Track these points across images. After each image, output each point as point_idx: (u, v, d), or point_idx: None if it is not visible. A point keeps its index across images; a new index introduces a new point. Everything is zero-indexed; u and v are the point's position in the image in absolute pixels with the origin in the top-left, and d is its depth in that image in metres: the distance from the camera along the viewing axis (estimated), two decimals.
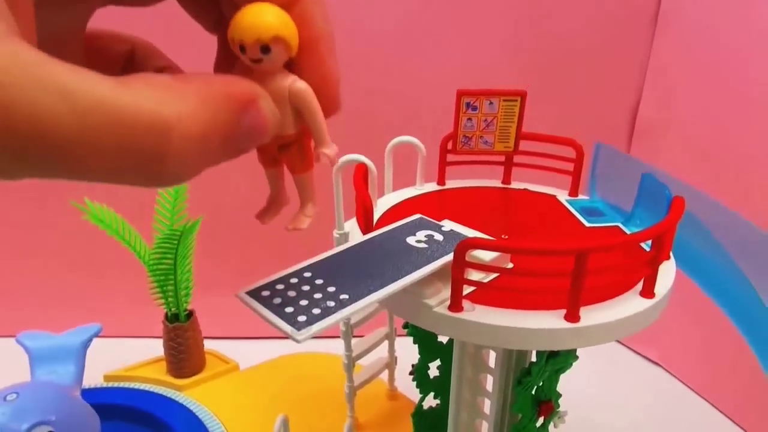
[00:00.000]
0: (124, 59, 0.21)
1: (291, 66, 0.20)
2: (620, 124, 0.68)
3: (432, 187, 0.47)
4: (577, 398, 0.47)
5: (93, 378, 0.54)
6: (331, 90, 0.20)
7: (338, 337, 0.48)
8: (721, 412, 0.63)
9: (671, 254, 0.37)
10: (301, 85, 0.20)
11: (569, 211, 0.43)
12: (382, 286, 0.27)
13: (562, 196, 0.45)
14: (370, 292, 0.26)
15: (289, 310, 0.24)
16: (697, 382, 0.66)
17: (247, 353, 0.61)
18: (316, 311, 0.25)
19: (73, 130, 0.13)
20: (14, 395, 0.40)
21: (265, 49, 0.18)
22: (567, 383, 0.42)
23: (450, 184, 0.47)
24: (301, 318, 0.24)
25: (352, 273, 0.28)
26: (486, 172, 0.47)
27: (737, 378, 0.61)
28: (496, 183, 0.48)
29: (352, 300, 0.26)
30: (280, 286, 0.26)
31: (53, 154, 0.13)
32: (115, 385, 0.56)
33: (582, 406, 0.48)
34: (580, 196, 0.45)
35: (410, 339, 0.45)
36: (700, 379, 0.66)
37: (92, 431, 0.42)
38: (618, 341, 0.75)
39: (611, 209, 0.43)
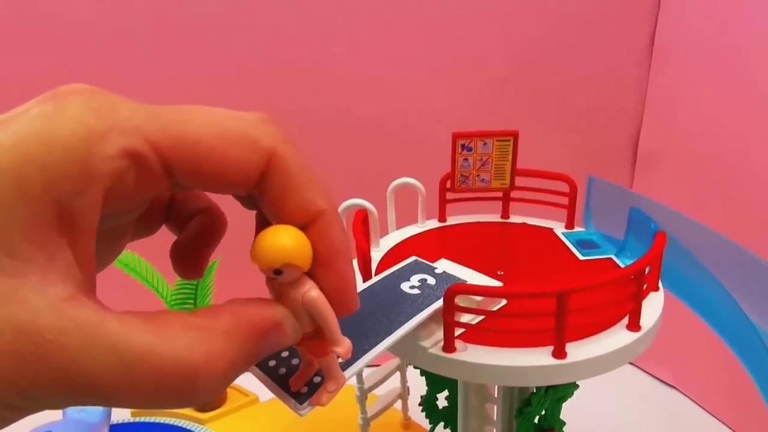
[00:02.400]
0: (168, 201, 0.24)
1: (310, 273, 0.21)
2: (622, 155, 0.70)
3: (434, 224, 0.49)
4: (590, 422, 0.48)
5: (120, 413, 0.57)
6: (348, 295, 0.22)
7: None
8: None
9: (660, 285, 0.38)
10: (312, 294, 0.21)
11: (564, 244, 0.44)
12: (376, 344, 0.29)
13: (559, 229, 0.47)
14: (364, 352, 0.28)
15: (303, 390, 0.25)
16: (715, 404, 0.66)
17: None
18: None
19: (119, 378, 0.15)
20: None
21: (278, 271, 0.20)
22: (578, 407, 0.43)
23: (451, 220, 0.49)
24: (303, 389, 0.25)
25: (349, 330, 0.30)
26: (487, 206, 0.49)
27: (757, 400, 0.61)
28: (496, 217, 0.49)
29: (349, 363, 0.27)
30: (284, 354, 0.27)
31: (101, 395, 0.16)
32: (142, 419, 0.58)
33: (594, 431, 0.49)
34: (576, 229, 0.47)
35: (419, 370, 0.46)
36: (718, 401, 0.66)
37: None
38: (632, 363, 0.75)
39: (606, 240, 0.44)
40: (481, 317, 0.33)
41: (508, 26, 0.64)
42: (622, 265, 0.41)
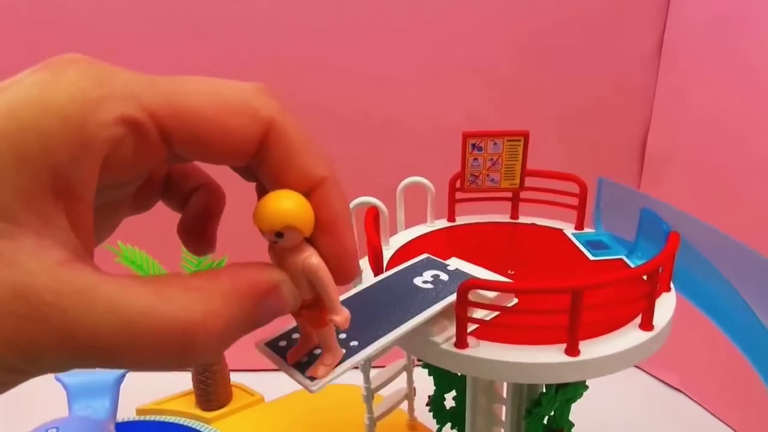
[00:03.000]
0: (165, 176, 0.24)
1: (312, 239, 0.21)
2: (630, 156, 0.70)
3: (443, 223, 0.49)
4: (595, 425, 0.48)
5: (126, 411, 0.57)
6: (349, 263, 0.22)
7: (357, 368, 0.50)
8: None
9: (672, 285, 0.38)
10: (312, 261, 0.21)
11: (575, 244, 0.44)
12: (389, 330, 0.29)
13: (569, 230, 0.47)
14: (378, 337, 0.28)
15: (304, 360, 0.26)
16: (722, 408, 0.66)
17: (271, 385, 0.63)
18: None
19: (119, 338, 0.16)
20: (54, 429, 0.42)
21: (279, 234, 0.20)
22: (584, 410, 0.43)
23: (460, 220, 0.49)
24: (319, 372, 0.25)
25: (362, 318, 0.30)
26: (496, 207, 0.49)
27: (766, 404, 0.61)
28: (505, 218, 0.49)
29: (362, 347, 0.27)
30: (295, 336, 0.28)
31: (102, 356, 0.16)
32: (147, 418, 0.58)
33: (599, 424, 0.48)
34: (586, 230, 0.47)
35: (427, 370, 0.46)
36: (725, 405, 0.66)
37: None
38: (637, 366, 0.75)
39: (616, 242, 0.44)
40: (495, 313, 0.33)
41: (518, 26, 0.65)
42: (632, 266, 0.41)
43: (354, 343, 0.28)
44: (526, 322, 0.32)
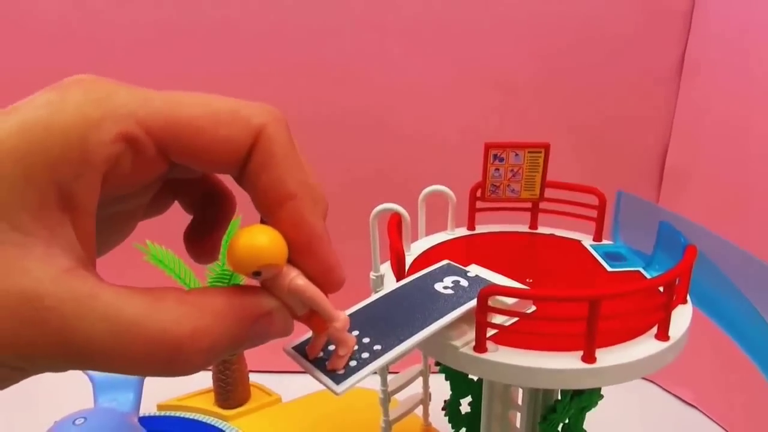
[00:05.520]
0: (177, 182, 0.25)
1: (291, 260, 0.22)
2: (650, 170, 0.70)
3: (462, 232, 0.50)
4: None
5: (147, 407, 0.58)
6: (332, 277, 0.22)
7: (375, 372, 0.51)
8: None
9: (689, 299, 0.38)
10: (298, 283, 0.21)
11: (593, 256, 0.45)
12: (411, 335, 0.30)
13: (587, 241, 0.48)
14: (400, 341, 0.29)
15: (322, 356, 0.27)
16: (735, 425, 0.66)
17: (289, 386, 0.65)
18: (353, 363, 0.27)
19: (111, 345, 0.17)
20: (82, 420, 0.44)
21: (256, 273, 0.21)
22: (596, 423, 0.43)
23: (480, 229, 0.50)
24: (340, 371, 0.26)
25: (384, 323, 0.31)
26: (515, 217, 0.50)
27: None
28: (524, 228, 0.50)
29: (384, 351, 0.28)
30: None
31: (93, 361, 0.17)
32: (169, 414, 0.60)
33: None
34: (604, 241, 0.48)
35: (443, 375, 0.47)
36: (739, 422, 0.65)
37: None
38: (652, 381, 0.75)
39: (634, 254, 0.45)
40: (514, 319, 0.34)
41: (540, 40, 0.66)
42: (650, 278, 0.41)
43: (377, 347, 0.28)
44: (545, 329, 0.33)
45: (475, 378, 0.47)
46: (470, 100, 0.68)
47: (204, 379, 0.64)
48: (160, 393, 0.63)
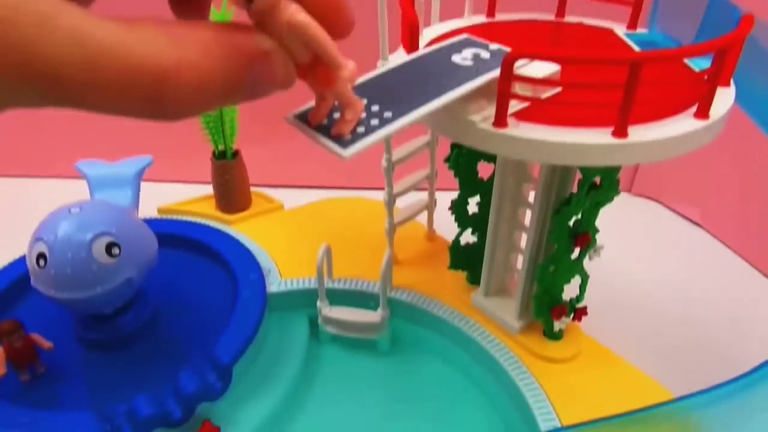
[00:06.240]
0: None
1: None
2: None
3: (481, 19, 0.45)
4: (612, 257, 0.47)
5: (148, 211, 0.57)
6: (340, 11, 0.19)
7: (381, 189, 0.49)
8: (758, 270, 0.63)
9: (732, 83, 0.35)
10: (298, 18, 0.19)
11: (628, 45, 0.40)
12: (425, 103, 0.27)
13: (620, 30, 0.43)
14: (412, 108, 0.27)
15: (326, 123, 0.24)
16: (740, 243, 0.66)
17: (290, 199, 0.64)
18: (361, 129, 0.25)
19: (82, 71, 0.15)
20: (78, 209, 0.42)
21: None
22: (601, 241, 0.42)
23: (500, 16, 0.45)
24: (347, 137, 0.24)
25: (396, 92, 0.28)
26: (540, 4, 0.45)
27: None
28: (550, 16, 0.45)
29: (396, 117, 0.26)
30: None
31: (67, 91, 0.15)
32: (170, 217, 0.59)
33: (613, 256, 0.48)
34: (639, 30, 0.43)
35: (448, 193, 0.45)
36: (743, 240, 0.65)
37: (150, 248, 0.45)
38: (657, 200, 0.74)
39: (672, 43, 0.40)
40: (542, 92, 0.30)
41: None
42: (693, 67, 0.37)
43: (387, 114, 0.26)
44: (575, 98, 0.29)
45: (486, 177, 0.45)
46: None
47: (205, 187, 0.62)
48: (159, 200, 0.62)
